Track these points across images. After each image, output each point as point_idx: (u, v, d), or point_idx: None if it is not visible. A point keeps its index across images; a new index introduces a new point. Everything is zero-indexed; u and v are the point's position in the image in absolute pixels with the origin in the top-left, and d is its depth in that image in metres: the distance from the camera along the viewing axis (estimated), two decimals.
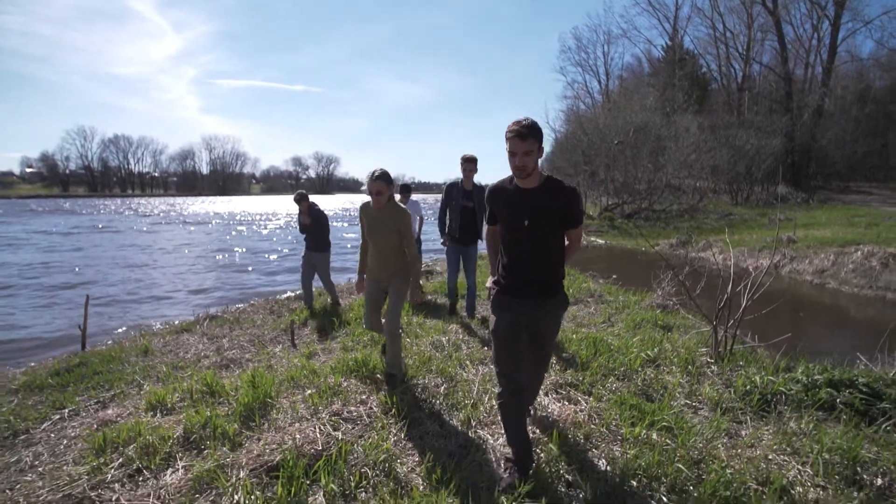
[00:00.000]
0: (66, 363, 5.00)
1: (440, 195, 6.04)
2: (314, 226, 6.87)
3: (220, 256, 15.97)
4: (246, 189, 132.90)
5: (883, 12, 31.23)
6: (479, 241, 5.57)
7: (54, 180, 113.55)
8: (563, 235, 2.52)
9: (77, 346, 5.87)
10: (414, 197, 7.50)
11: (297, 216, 7.08)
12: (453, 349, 4.42)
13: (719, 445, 2.56)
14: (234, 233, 25.54)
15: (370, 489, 2.31)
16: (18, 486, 2.54)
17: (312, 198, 7.12)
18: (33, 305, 8.81)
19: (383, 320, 3.61)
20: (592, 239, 18.19)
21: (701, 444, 2.56)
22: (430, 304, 6.51)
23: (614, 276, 8.97)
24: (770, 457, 2.44)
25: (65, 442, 3.07)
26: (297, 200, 6.90)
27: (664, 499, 2.17)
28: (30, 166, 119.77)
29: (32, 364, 5.47)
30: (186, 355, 5.15)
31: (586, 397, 3.26)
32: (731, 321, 3.76)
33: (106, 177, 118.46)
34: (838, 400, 2.76)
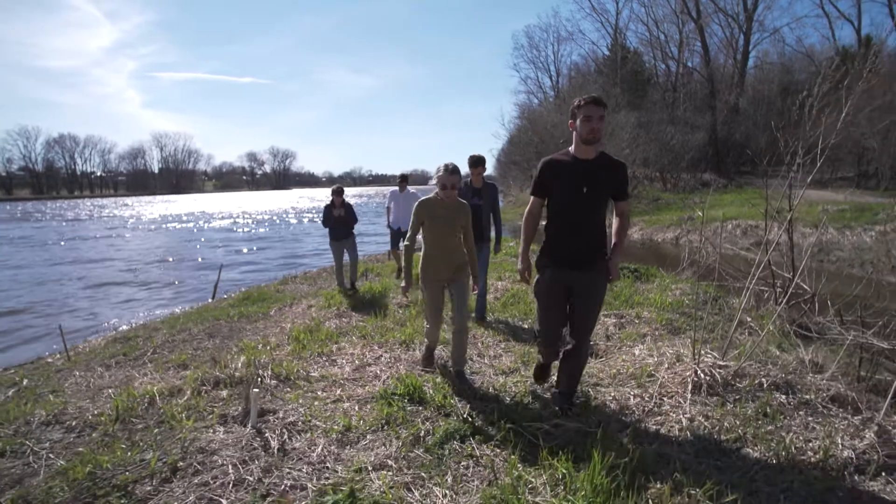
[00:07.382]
0: (238, 297, 8.73)
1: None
2: (347, 217, 7.53)
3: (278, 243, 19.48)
4: (200, 187, 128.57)
5: (785, 24, 37.03)
6: (490, 241, 5.65)
7: None
8: (607, 208, 2.66)
9: (207, 299, 9.53)
10: (410, 188, 8.41)
11: (323, 208, 7.63)
12: None
13: None
14: (267, 227, 28.76)
15: None
16: (296, 319, 6.41)
17: (269, 193, 8.69)
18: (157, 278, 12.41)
19: (447, 319, 3.87)
20: None
21: None
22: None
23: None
24: None
25: (298, 311, 6.92)
26: (337, 192, 7.44)
27: None
28: None
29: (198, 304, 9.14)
30: (305, 291, 8.96)
31: None
32: None
33: (51, 178, 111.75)
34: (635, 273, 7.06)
